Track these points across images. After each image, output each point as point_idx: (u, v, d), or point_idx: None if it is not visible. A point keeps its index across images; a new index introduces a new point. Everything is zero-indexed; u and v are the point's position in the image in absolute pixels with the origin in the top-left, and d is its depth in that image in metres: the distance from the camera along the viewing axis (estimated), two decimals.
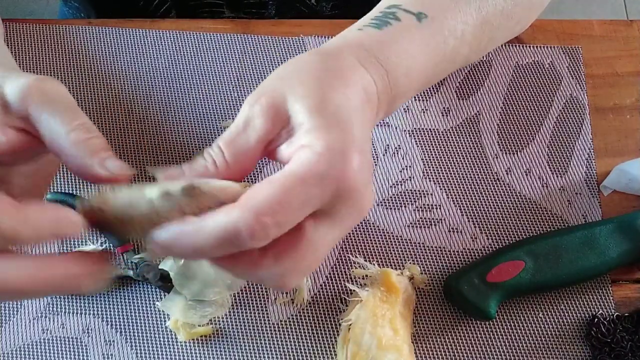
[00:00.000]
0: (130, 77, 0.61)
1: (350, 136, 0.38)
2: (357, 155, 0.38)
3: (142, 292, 0.54)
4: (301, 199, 0.36)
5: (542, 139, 0.60)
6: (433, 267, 0.55)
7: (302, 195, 0.36)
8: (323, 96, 0.39)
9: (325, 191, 0.36)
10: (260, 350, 0.52)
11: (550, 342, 0.53)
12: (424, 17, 0.47)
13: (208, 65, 0.61)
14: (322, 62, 0.42)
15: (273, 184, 0.35)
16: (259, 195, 0.35)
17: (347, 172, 0.37)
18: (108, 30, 0.62)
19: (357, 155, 0.38)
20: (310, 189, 0.36)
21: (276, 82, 0.41)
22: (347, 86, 0.41)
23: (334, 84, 0.40)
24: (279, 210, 0.35)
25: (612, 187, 0.58)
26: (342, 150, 0.37)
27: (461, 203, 0.57)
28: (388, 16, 0.47)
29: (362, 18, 0.48)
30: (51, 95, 0.37)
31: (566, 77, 0.62)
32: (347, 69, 0.42)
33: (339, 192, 0.37)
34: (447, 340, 0.53)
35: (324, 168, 0.36)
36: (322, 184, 0.36)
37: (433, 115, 0.60)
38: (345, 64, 0.42)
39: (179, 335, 0.52)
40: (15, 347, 0.52)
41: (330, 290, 0.54)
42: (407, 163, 0.58)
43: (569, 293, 0.54)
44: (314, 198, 0.36)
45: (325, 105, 0.39)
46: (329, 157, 0.37)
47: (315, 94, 0.39)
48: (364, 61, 0.43)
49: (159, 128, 0.59)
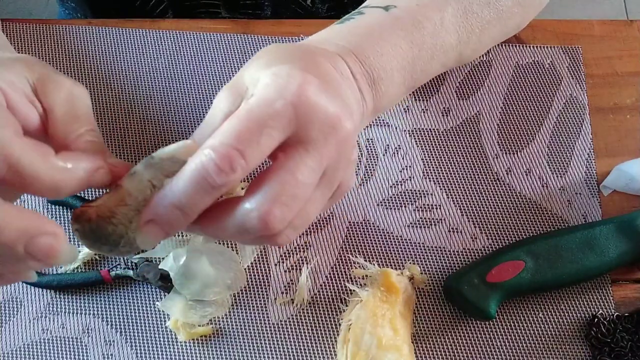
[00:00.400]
0: (130, 77, 0.61)
1: (302, 62, 0.38)
2: (310, 76, 0.37)
3: (142, 292, 0.54)
4: (259, 125, 0.35)
5: (542, 139, 0.60)
6: (433, 267, 0.55)
7: (258, 121, 0.35)
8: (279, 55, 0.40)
9: (281, 112, 0.36)
10: (260, 350, 0.52)
11: (550, 342, 0.53)
12: (392, 7, 0.48)
13: (208, 65, 0.61)
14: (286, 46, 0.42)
15: (228, 120, 0.36)
16: (215, 134, 0.35)
17: (299, 88, 0.36)
18: (108, 30, 0.62)
19: (310, 76, 0.37)
20: (264, 112, 0.36)
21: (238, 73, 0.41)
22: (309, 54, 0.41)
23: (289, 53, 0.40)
24: (239, 138, 0.35)
25: (612, 187, 0.58)
26: (290, 73, 0.37)
27: (461, 203, 0.57)
28: (353, 14, 0.48)
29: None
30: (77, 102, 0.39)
31: (566, 77, 0.62)
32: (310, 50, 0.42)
33: (297, 111, 0.36)
34: (447, 340, 0.53)
35: (273, 90, 0.36)
36: (274, 105, 0.36)
37: (433, 115, 0.60)
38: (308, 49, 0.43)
39: (179, 335, 0.52)
40: (15, 347, 0.52)
41: (330, 290, 0.54)
42: (407, 163, 0.58)
43: (569, 293, 0.54)
44: (272, 121, 0.36)
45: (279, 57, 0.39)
46: (276, 80, 0.37)
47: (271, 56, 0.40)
48: (329, 48, 0.44)
49: (159, 128, 0.59)
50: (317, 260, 0.55)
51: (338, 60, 0.43)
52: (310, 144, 0.37)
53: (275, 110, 0.36)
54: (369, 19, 0.48)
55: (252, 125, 0.35)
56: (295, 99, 0.36)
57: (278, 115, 0.36)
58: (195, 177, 0.35)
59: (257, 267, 0.55)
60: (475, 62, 0.62)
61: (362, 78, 0.44)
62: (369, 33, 0.46)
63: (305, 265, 0.54)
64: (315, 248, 0.55)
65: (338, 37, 0.46)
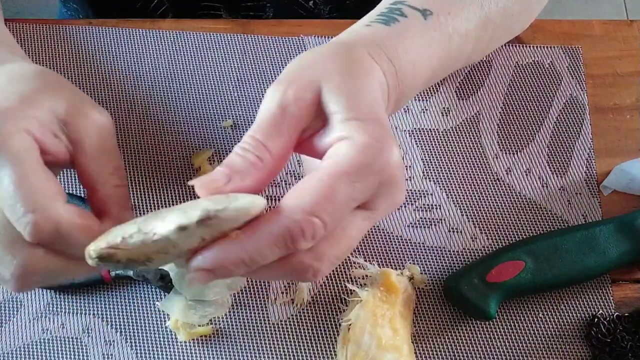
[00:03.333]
0: (130, 77, 0.61)
1: (387, 128, 0.38)
2: (395, 146, 0.37)
3: (142, 292, 0.54)
4: (347, 196, 0.35)
5: (542, 139, 0.60)
6: (433, 267, 0.55)
7: (348, 190, 0.35)
8: (356, 86, 0.38)
9: (371, 184, 0.36)
10: (260, 350, 0.52)
11: (550, 342, 0.53)
12: (429, 14, 0.47)
13: (208, 65, 0.61)
14: (345, 52, 0.41)
15: (319, 181, 0.34)
16: (305, 194, 0.34)
17: (389, 163, 0.36)
18: (108, 30, 0.62)
19: (395, 146, 0.37)
20: (356, 183, 0.35)
21: (303, 70, 0.40)
22: (369, 75, 0.40)
23: (360, 74, 0.39)
24: (327, 208, 0.34)
25: (612, 187, 0.58)
26: (383, 141, 0.36)
27: (461, 203, 0.57)
28: (394, 12, 0.47)
29: (367, 14, 0.48)
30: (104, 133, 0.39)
31: (566, 77, 0.62)
32: (365, 61, 0.41)
33: (381, 183, 0.36)
34: (447, 340, 0.53)
35: (369, 161, 0.35)
36: (367, 178, 0.35)
37: (433, 115, 0.60)
38: (363, 57, 0.42)
39: (179, 335, 0.52)
40: (15, 347, 0.52)
41: (330, 290, 0.54)
42: (407, 163, 0.58)
43: (569, 293, 0.54)
44: (360, 192, 0.35)
45: (361, 96, 0.38)
46: (372, 149, 0.36)
47: (349, 83, 0.38)
48: (376, 57, 0.43)
49: (159, 128, 0.59)
50: None
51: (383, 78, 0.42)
52: (375, 212, 0.38)
53: (366, 184, 0.36)
54: (411, 28, 0.46)
55: (341, 196, 0.35)
56: (384, 176, 0.36)
57: (367, 189, 0.36)
58: (277, 240, 0.34)
59: None
60: (475, 62, 0.62)
61: (393, 96, 0.44)
62: (412, 48, 0.45)
63: None
64: None
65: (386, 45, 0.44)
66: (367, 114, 0.37)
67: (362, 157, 0.35)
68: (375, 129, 0.37)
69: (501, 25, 0.53)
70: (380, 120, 0.38)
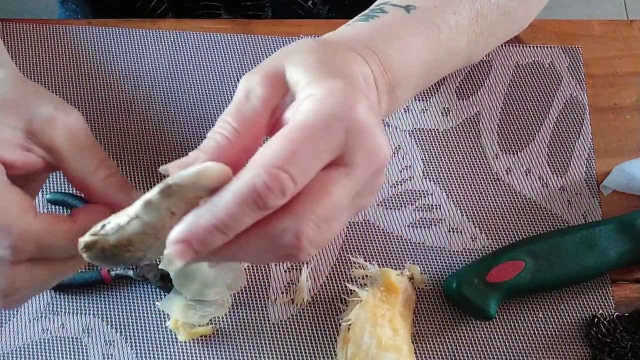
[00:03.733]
0: (130, 77, 0.61)
1: (353, 81, 0.37)
2: (362, 97, 0.37)
3: (142, 292, 0.54)
4: (312, 147, 0.34)
5: (542, 139, 0.60)
6: (433, 267, 0.55)
7: (312, 143, 0.34)
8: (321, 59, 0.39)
9: (335, 135, 0.35)
10: (260, 350, 0.52)
11: (550, 342, 0.53)
12: (413, 8, 0.48)
13: (208, 65, 0.61)
14: (322, 45, 0.41)
15: (280, 137, 0.34)
16: (268, 151, 0.34)
17: (354, 111, 0.36)
18: (108, 30, 0.62)
19: (362, 97, 0.37)
20: (319, 134, 0.35)
21: (273, 59, 0.40)
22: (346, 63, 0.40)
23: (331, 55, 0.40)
24: (292, 160, 0.34)
25: (612, 187, 0.58)
26: (346, 91, 0.36)
27: (461, 203, 0.57)
28: (375, 11, 0.47)
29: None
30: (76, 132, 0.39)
31: (566, 77, 0.62)
32: (345, 55, 0.41)
33: (349, 134, 0.35)
34: (447, 340, 0.53)
35: (329, 110, 0.35)
36: (330, 128, 0.35)
37: (433, 115, 0.60)
38: (343, 52, 0.42)
39: (179, 335, 0.52)
40: (15, 347, 0.52)
41: (330, 290, 0.54)
42: (407, 163, 0.58)
43: (569, 293, 0.54)
44: (325, 144, 0.35)
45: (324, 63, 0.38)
46: (332, 99, 0.35)
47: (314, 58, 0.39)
48: (357, 49, 0.43)
49: (159, 128, 0.59)
50: (317, 260, 0.55)
51: (366, 68, 0.42)
52: (353, 168, 0.36)
53: (330, 133, 0.35)
54: (393, 19, 0.47)
55: (305, 148, 0.34)
56: (350, 122, 0.35)
57: (332, 138, 0.35)
58: (244, 198, 0.33)
59: (257, 267, 0.55)
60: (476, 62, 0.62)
61: (383, 86, 0.44)
62: (394, 36, 0.45)
63: (305, 265, 0.54)
64: None
65: (365, 37, 0.44)
66: (329, 72, 0.37)
67: (323, 107, 0.35)
68: (339, 81, 0.36)
69: (497, 22, 0.52)
70: (344, 75, 0.37)
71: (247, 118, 0.38)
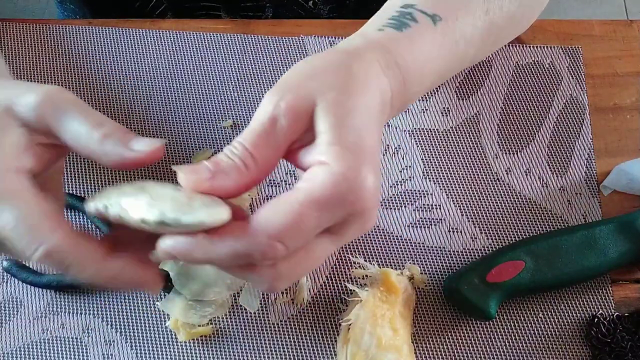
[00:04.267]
0: (130, 77, 0.61)
1: (368, 155, 0.38)
2: (372, 175, 0.37)
3: (142, 292, 0.54)
4: (315, 223, 0.36)
5: (542, 139, 0.60)
6: (433, 267, 0.55)
7: (316, 219, 0.36)
8: (350, 106, 0.39)
9: (339, 214, 0.37)
10: (260, 350, 0.52)
11: (550, 342, 0.53)
12: (439, 19, 0.47)
13: (208, 65, 0.61)
14: (348, 65, 0.41)
15: (289, 206, 0.35)
16: (274, 218, 0.35)
17: (362, 195, 0.37)
18: (108, 30, 0.62)
19: (372, 175, 0.37)
20: (325, 212, 0.36)
21: (301, 79, 0.40)
22: (368, 92, 0.40)
23: (359, 91, 0.40)
24: (293, 235, 0.35)
25: (612, 187, 0.58)
26: (359, 172, 0.37)
27: (461, 203, 0.57)
28: (406, 17, 0.47)
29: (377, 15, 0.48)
30: (59, 102, 0.37)
31: (566, 77, 0.62)
32: (369, 74, 0.41)
33: (351, 213, 0.37)
34: (447, 340, 0.53)
35: (342, 194, 0.36)
36: (337, 209, 0.36)
37: (433, 115, 0.60)
38: (369, 68, 0.42)
39: (179, 335, 0.52)
40: (15, 347, 0.52)
41: (330, 290, 0.54)
42: (407, 163, 0.58)
43: (569, 293, 0.54)
44: (327, 221, 0.36)
45: (352, 118, 0.38)
46: (347, 182, 0.36)
47: (343, 102, 0.38)
48: (385, 66, 0.43)
49: (159, 128, 0.59)
50: None
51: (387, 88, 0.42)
52: (343, 235, 0.38)
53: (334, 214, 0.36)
54: (423, 33, 0.46)
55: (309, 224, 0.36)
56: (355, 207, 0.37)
57: (337, 217, 0.37)
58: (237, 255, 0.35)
59: None
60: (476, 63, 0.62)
61: (397, 104, 0.44)
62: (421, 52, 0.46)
63: None
64: None
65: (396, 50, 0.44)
66: (352, 142, 0.37)
67: (336, 189, 0.36)
68: (356, 158, 0.37)
69: (505, 28, 0.53)
70: (362, 146, 0.38)
71: (268, 152, 0.38)
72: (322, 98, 0.38)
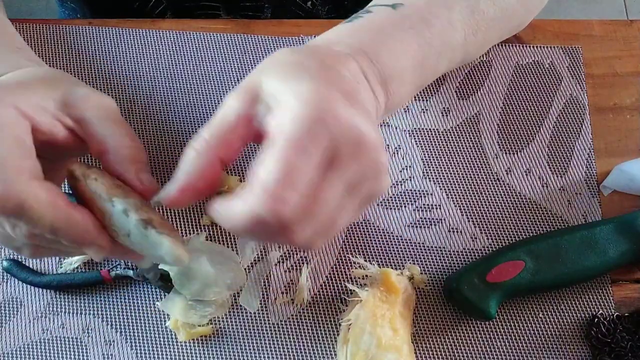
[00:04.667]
0: (130, 77, 0.61)
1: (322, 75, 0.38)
2: (336, 93, 0.38)
3: (142, 292, 0.54)
4: (305, 161, 0.36)
5: (542, 139, 0.60)
6: (433, 267, 0.55)
7: (304, 156, 0.36)
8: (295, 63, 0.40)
9: (321, 138, 0.36)
10: (260, 350, 0.52)
11: (550, 342, 0.53)
12: (400, 5, 0.48)
13: (208, 65, 0.61)
14: (299, 51, 0.42)
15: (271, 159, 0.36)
16: (264, 177, 0.35)
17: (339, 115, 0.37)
18: (108, 30, 0.62)
19: (336, 93, 0.38)
20: (310, 145, 0.36)
21: (252, 73, 0.41)
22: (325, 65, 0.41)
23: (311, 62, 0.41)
24: (290, 181, 0.35)
25: (612, 187, 0.58)
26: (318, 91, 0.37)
27: (461, 203, 0.57)
28: (361, 13, 0.48)
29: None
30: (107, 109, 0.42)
31: (566, 77, 0.62)
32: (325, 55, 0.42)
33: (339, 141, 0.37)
34: (447, 340, 0.53)
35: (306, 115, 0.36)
36: (318, 137, 0.36)
37: (433, 115, 0.60)
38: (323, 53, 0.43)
39: (179, 335, 0.52)
40: (15, 347, 0.52)
41: (330, 290, 0.54)
42: (407, 163, 0.58)
43: (569, 293, 0.54)
44: (317, 154, 0.36)
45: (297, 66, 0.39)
46: (305, 103, 0.36)
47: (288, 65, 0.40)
48: (335, 46, 0.44)
49: (159, 128, 0.59)
50: (317, 260, 0.55)
51: (351, 62, 0.43)
52: (336, 162, 0.37)
53: (315, 137, 0.36)
54: (378, 17, 0.48)
55: (296, 156, 0.36)
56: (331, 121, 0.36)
57: (318, 141, 0.36)
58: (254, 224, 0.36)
59: (257, 267, 0.55)
60: (475, 62, 0.62)
61: (374, 78, 0.44)
62: (380, 31, 0.46)
63: (305, 265, 0.54)
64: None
65: (347, 36, 0.46)
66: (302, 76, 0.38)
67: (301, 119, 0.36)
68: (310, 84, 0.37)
69: (495, 17, 0.52)
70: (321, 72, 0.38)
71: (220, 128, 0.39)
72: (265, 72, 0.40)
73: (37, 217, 0.36)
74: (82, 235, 0.38)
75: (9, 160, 0.36)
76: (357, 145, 0.38)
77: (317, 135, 0.36)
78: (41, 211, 0.36)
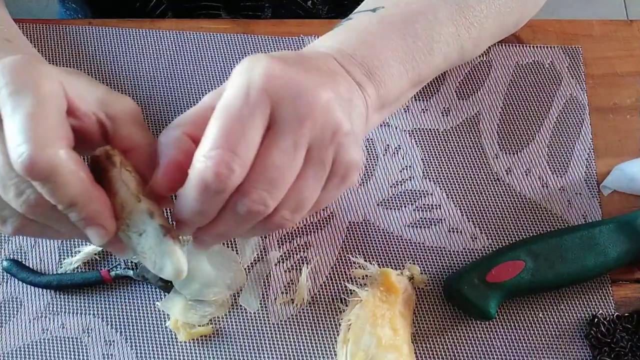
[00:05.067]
0: (130, 77, 0.61)
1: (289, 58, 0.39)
2: (275, 57, 0.38)
3: (142, 292, 0.54)
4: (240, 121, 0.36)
5: (542, 139, 0.60)
6: (433, 267, 0.55)
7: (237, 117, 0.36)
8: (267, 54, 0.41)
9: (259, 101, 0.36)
10: (260, 350, 0.52)
11: (550, 342, 0.53)
12: (380, 8, 0.49)
13: (208, 65, 0.61)
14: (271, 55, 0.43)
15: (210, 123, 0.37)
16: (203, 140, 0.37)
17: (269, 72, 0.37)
18: (108, 30, 0.62)
19: (275, 57, 0.38)
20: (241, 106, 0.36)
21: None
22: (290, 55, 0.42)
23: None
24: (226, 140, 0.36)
25: (612, 187, 0.58)
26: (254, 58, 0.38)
27: (461, 203, 0.57)
28: (342, 22, 0.50)
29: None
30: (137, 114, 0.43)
31: (566, 77, 0.62)
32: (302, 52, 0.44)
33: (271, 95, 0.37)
34: (447, 340, 0.53)
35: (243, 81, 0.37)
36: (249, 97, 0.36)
37: (433, 115, 0.60)
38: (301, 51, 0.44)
39: (179, 335, 0.52)
40: (15, 347, 0.52)
41: (330, 290, 0.54)
42: (407, 163, 0.58)
43: (569, 293, 0.54)
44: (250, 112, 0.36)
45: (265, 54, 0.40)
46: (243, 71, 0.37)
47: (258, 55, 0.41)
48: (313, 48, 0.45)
49: (159, 128, 0.59)
50: (317, 260, 0.55)
51: (328, 58, 0.44)
52: (281, 124, 0.37)
53: (250, 100, 0.37)
54: (358, 21, 0.49)
55: (233, 121, 0.36)
56: (265, 81, 0.37)
57: (254, 104, 0.37)
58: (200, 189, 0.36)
59: (257, 267, 0.55)
60: (475, 62, 0.62)
61: (356, 70, 0.44)
62: (359, 31, 0.47)
63: (305, 265, 0.54)
64: (315, 248, 0.55)
65: (327, 40, 0.47)
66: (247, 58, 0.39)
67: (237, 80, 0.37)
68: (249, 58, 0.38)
69: (488, 14, 0.52)
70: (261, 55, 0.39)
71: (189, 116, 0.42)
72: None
73: (62, 185, 0.36)
74: (95, 213, 0.38)
75: (49, 123, 0.36)
76: (299, 104, 0.37)
77: (256, 98, 0.37)
78: (68, 180, 0.36)
